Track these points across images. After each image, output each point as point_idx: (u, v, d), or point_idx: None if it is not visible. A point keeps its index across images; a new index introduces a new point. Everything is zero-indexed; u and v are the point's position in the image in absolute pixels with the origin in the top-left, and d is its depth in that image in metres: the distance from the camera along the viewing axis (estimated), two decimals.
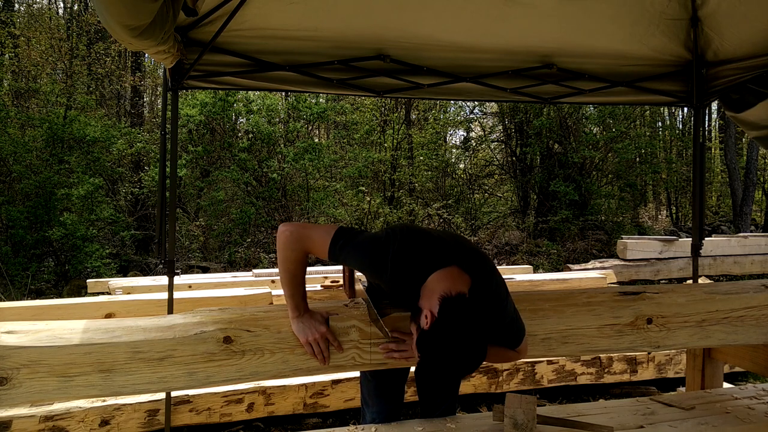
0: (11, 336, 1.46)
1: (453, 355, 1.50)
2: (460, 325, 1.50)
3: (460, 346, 1.49)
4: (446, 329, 1.49)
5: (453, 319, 1.50)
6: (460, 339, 1.49)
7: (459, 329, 1.49)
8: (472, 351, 1.52)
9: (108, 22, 1.54)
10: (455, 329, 1.49)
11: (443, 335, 1.49)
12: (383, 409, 2.18)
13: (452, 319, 1.50)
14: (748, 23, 2.75)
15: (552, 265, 9.22)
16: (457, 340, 1.49)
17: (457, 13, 2.75)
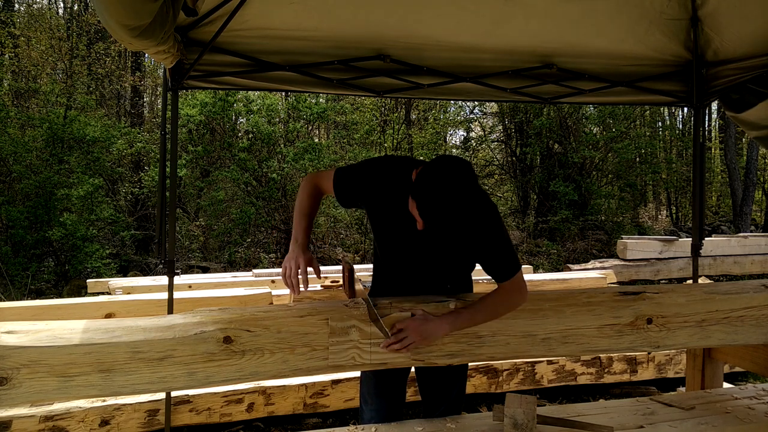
0: (11, 336, 1.46)
1: (447, 187, 1.59)
2: (451, 165, 1.63)
3: (452, 178, 1.59)
4: (438, 166, 1.63)
5: (444, 161, 1.65)
6: (452, 174, 1.60)
7: (450, 167, 1.62)
8: (464, 189, 1.60)
9: (108, 22, 1.54)
10: (447, 167, 1.62)
11: (435, 169, 1.62)
12: (382, 407, 2.17)
13: (444, 161, 1.65)
14: (748, 23, 2.75)
15: (552, 265, 9.22)
16: (450, 175, 1.60)
17: (457, 13, 2.75)
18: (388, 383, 2.17)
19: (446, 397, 2.18)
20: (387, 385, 2.17)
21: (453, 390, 2.19)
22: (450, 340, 1.83)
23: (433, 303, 1.85)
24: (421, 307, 1.82)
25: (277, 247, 10.00)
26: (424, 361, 1.83)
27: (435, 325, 1.76)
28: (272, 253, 9.78)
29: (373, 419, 2.14)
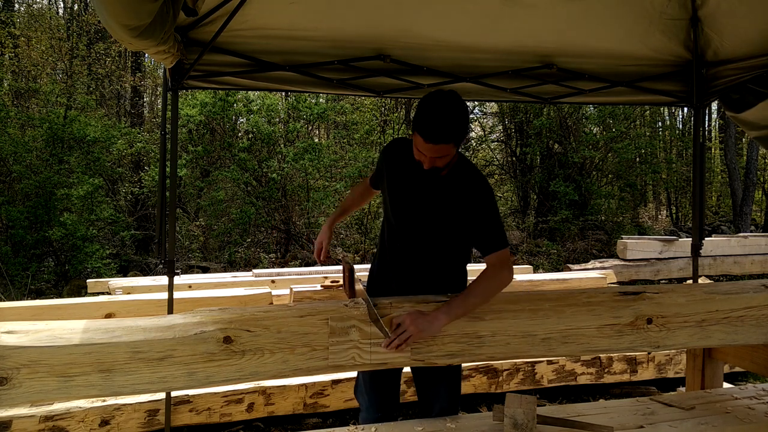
0: (11, 336, 1.46)
1: (437, 107, 1.84)
2: (443, 90, 1.95)
3: (446, 94, 1.91)
4: (432, 93, 1.93)
5: (436, 91, 1.95)
6: (445, 92, 1.93)
7: (443, 91, 1.94)
8: (455, 107, 1.87)
9: (108, 22, 1.54)
10: (440, 91, 1.94)
11: (431, 93, 1.92)
12: (375, 401, 2.24)
13: (436, 91, 1.94)
14: (748, 23, 2.75)
15: (552, 265, 9.22)
16: (444, 93, 1.92)
17: (457, 13, 2.75)
18: (380, 378, 2.22)
19: (439, 396, 2.20)
20: (380, 380, 2.23)
21: (446, 389, 2.20)
22: (450, 340, 1.83)
23: (433, 303, 1.85)
24: (420, 306, 1.82)
25: (277, 247, 10.00)
26: (424, 361, 1.83)
27: (431, 317, 1.78)
28: (272, 253, 9.78)
29: (369, 410, 2.23)
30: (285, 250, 9.86)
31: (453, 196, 1.99)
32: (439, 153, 1.84)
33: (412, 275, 2.11)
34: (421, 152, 1.86)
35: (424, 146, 1.83)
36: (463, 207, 1.98)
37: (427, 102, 1.87)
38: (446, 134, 1.81)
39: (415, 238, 2.08)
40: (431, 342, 1.82)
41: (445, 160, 1.89)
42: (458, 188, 1.97)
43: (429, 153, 1.84)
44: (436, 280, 2.08)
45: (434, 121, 1.80)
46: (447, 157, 1.87)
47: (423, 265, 2.09)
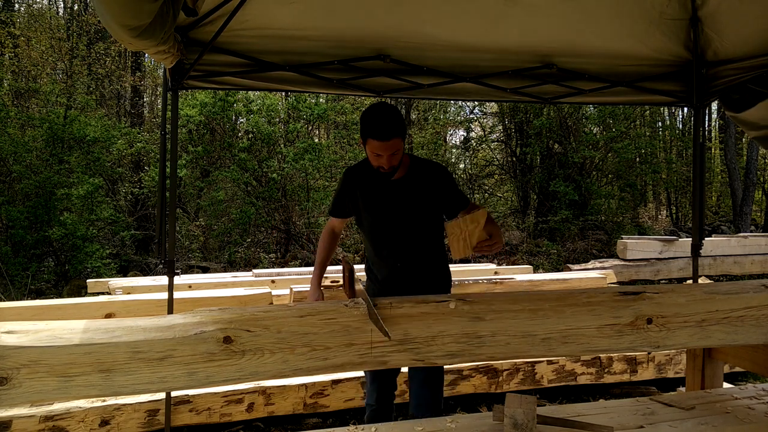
0: (11, 336, 1.46)
1: (382, 106, 2.23)
2: (378, 104, 2.29)
3: (381, 107, 2.24)
4: (370, 108, 2.26)
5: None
6: (380, 106, 2.25)
7: (377, 105, 2.25)
8: (391, 108, 2.26)
9: (108, 22, 1.54)
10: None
11: (369, 109, 2.25)
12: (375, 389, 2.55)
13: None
14: (748, 23, 2.75)
15: (552, 265, 9.22)
16: (379, 106, 2.24)
17: (458, 12, 2.75)
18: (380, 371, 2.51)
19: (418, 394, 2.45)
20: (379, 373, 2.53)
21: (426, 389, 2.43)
22: (450, 340, 1.83)
23: (433, 302, 1.85)
24: (421, 306, 1.82)
25: (277, 247, 10.00)
26: (423, 361, 1.83)
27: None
28: (272, 253, 9.78)
29: (370, 397, 2.57)
30: (285, 250, 9.86)
31: (420, 187, 2.36)
32: (393, 149, 2.18)
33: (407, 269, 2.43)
34: (379, 155, 2.19)
35: (379, 147, 2.17)
36: (431, 190, 2.36)
37: (369, 112, 2.24)
38: (394, 129, 2.17)
39: (401, 235, 2.40)
40: (431, 342, 1.81)
41: (398, 156, 2.23)
42: (421, 178, 2.37)
43: (385, 151, 2.17)
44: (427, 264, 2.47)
45: (381, 122, 2.17)
46: (398, 152, 2.22)
47: (412, 256, 2.41)
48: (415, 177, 2.38)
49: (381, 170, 2.24)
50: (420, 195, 2.37)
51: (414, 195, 2.37)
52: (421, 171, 2.39)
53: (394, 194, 2.38)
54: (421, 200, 2.37)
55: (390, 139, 2.16)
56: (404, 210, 2.38)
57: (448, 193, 2.40)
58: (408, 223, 2.39)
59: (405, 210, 2.38)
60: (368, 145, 2.21)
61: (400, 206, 2.38)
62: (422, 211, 2.39)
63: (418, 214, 2.39)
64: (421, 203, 2.38)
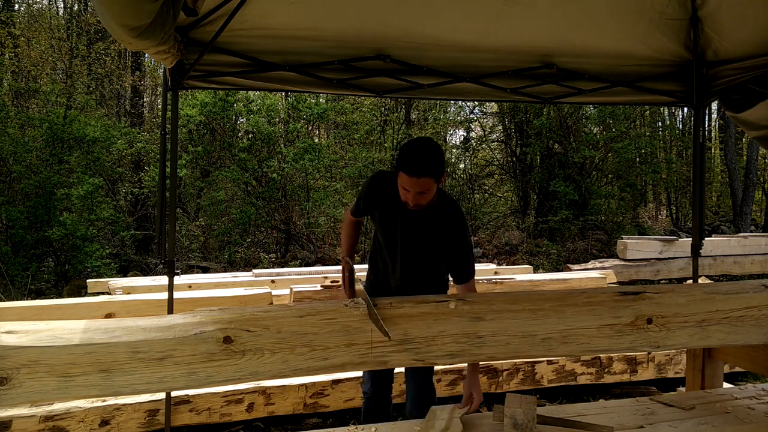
0: (11, 336, 1.46)
1: (424, 142, 2.10)
2: (423, 138, 2.16)
3: (426, 139, 2.13)
4: (413, 140, 2.15)
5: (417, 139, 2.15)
6: (425, 138, 2.14)
7: (422, 139, 2.14)
8: (433, 146, 2.09)
9: (108, 22, 1.54)
10: (421, 138, 2.16)
11: (410, 140, 2.16)
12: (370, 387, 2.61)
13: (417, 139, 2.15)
14: (748, 23, 2.75)
15: (552, 265, 9.22)
16: (424, 138, 2.14)
17: (458, 12, 2.75)
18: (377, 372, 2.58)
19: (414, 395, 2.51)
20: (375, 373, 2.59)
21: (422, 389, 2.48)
22: (450, 340, 1.83)
23: (433, 302, 1.85)
24: (420, 306, 1.82)
25: (277, 247, 10.00)
26: (423, 361, 1.84)
27: (477, 384, 2.21)
28: (272, 253, 9.78)
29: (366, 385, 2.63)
30: (285, 250, 9.86)
31: (435, 229, 2.26)
32: (422, 187, 2.06)
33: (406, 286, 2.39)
34: (407, 189, 2.08)
35: (408, 182, 2.05)
36: (443, 238, 2.26)
37: (409, 143, 2.13)
38: (427, 168, 2.04)
39: (406, 261, 2.36)
40: (431, 342, 1.82)
41: (428, 197, 2.12)
42: (439, 222, 2.26)
43: (413, 188, 2.06)
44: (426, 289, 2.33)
45: (416, 157, 2.04)
46: (429, 193, 2.10)
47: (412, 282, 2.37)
48: (437, 214, 2.27)
49: (408, 206, 2.15)
50: (435, 234, 2.27)
51: (430, 232, 2.28)
52: (444, 211, 2.28)
53: (411, 222, 2.28)
54: (435, 239, 2.28)
55: (420, 177, 2.03)
56: (416, 241, 2.31)
57: (458, 251, 2.28)
58: (414, 253, 2.33)
59: (417, 241, 2.31)
60: (399, 176, 2.10)
61: (413, 236, 2.31)
62: (433, 248, 2.31)
63: (429, 249, 2.31)
64: (434, 241, 2.29)
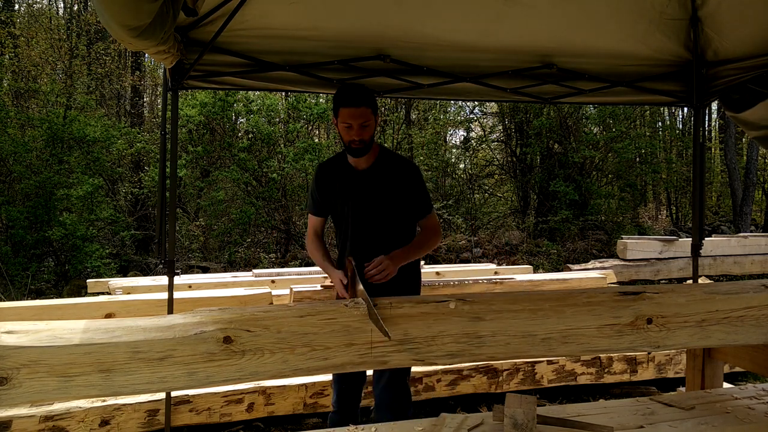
0: (11, 336, 1.46)
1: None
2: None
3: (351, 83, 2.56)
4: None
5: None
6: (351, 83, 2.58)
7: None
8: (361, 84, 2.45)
9: (108, 22, 1.54)
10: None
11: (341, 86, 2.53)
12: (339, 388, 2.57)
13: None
14: (748, 23, 2.75)
15: (552, 265, 9.22)
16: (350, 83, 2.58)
17: (458, 12, 2.75)
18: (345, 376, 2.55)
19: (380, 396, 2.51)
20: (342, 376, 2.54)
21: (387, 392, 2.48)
22: (450, 340, 1.83)
23: (433, 302, 1.85)
24: (420, 306, 1.82)
25: (277, 247, 10.00)
26: (424, 361, 1.83)
27: (391, 260, 2.24)
28: (272, 253, 9.77)
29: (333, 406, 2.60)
30: (285, 250, 9.85)
31: (385, 179, 2.39)
32: (363, 118, 2.25)
33: (359, 253, 2.38)
34: (349, 125, 2.25)
35: (349, 114, 2.24)
36: (397, 184, 2.39)
37: (341, 86, 2.46)
38: (364, 98, 2.25)
39: (365, 227, 2.42)
40: (431, 342, 1.82)
41: (369, 131, 2.28)
42: (389, 171, 2.40)
43: (355, 120, 2.24)
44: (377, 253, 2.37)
45: (352, 90, 2.30)
46: (369, 126, 2.28)
47: (375, 248, 2.35)
48: (382, 168, 2.40)
49: (353, 145, 2.28)
50: (384, 187, 2.38)
51: (378, 186, 2.38)
52: (389, 164, 2.42)
53: (359, 184, 2.39)
54: (386, 192, 2.38)
55: (360, 106, 2.23)
56: (368, 200, 2.40)
57: (411, 192, 2.40)
58: (371, 214, 2.40)
59: (369, 200, 2.40)
60: (340, 116, 2.27)
61: (364, 196, 2.40)
62: (386, 203, 2.39)
63: (382, 205, 2.40)
64: (384, 195, 2.38)
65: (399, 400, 2.48)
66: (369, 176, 2.40)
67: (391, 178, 2.38)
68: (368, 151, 2.35)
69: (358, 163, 2.41)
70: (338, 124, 2.31)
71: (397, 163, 2.44)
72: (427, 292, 3.71)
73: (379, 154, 2.43)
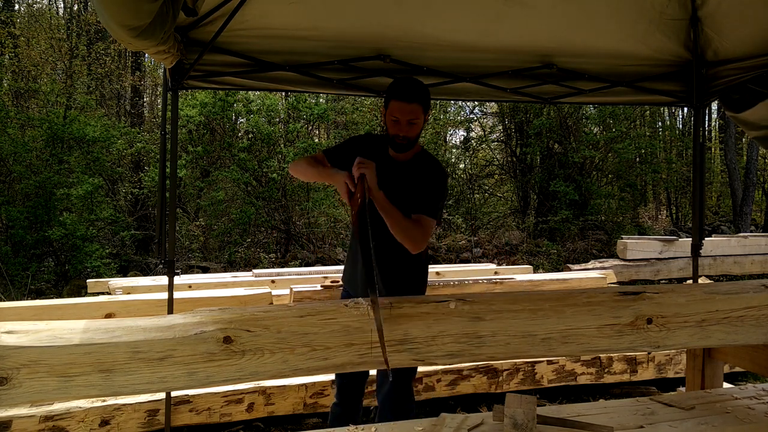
0: (11, 336, 1.46)
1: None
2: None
3: (409, 77, 2.39)
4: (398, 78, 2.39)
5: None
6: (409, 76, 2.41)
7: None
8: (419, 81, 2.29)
9: (108, 22, 1.54)
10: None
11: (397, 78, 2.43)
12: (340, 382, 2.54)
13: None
14: (748, 23, 2.75)
15: (552, 265, 9.22)
16: (407, 76, 2.40)
17: (458, 12, 2.75)
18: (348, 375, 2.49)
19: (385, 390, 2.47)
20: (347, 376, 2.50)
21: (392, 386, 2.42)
22: (450, 340, 1.83)
23: (433, 302, 1.85)
24: (421, 306, 1.82)
25: (277, 247, 10.00)
26: (424, 361, 1.83)
27: (377, 193, 2.07)
28: (272, 253, 9.78)
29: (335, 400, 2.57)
30: (285, 250, 9.86)
31: (419, 178, 2.31)
32: (413, 115, 2.17)
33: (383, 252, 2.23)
34: (397, 119, 2.18)
35: (399, 109, 2.16)
36: (419, 184, 2.30)
37: (397, 79, 2.35)
38: (418, 94, 2.18)
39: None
40: (431, 342, 1.82)
41: (416, 129, 2.22)
42: (423, 171, 2.34)
43: (404, 116, 2.17)
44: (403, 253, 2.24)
45: (408, 85, 2.21)
46: (417, 125, 2.21)
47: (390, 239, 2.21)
48: (418, 166, 2.35)
49: (397, 140, 2.22)
50: (413, 184, 2.31)
51: (410, 183, 2.31)
52: (425, 164, 2.37)
53: (393, 175, 2.30)
54: (412, 188, 2.30)
55: (411, 102, 2.16)
56: (397, 193, 2.28)
57: (425, 189, 2.29)
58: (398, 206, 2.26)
59: (398, 193, 2.28)
60: (389, 108, 2.20)
61: (394, 188, 2.28)
62: (412, 200, 2.28)
63: (409, 201, 2.27)
64: (411, 191, 2.30)
65: (402, 405, 2.42)
66: (404, 170, 2.34)
67: (422, 177, 2.33)
68: (411, 148, 2.31)
69: (398, 154, 2.34)
70: (386, 115, 2.25)
71: (432, 165, 2.38)
72: (427, 292, 3.71)
73: (420, 151, 2.40)
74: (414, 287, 2.45)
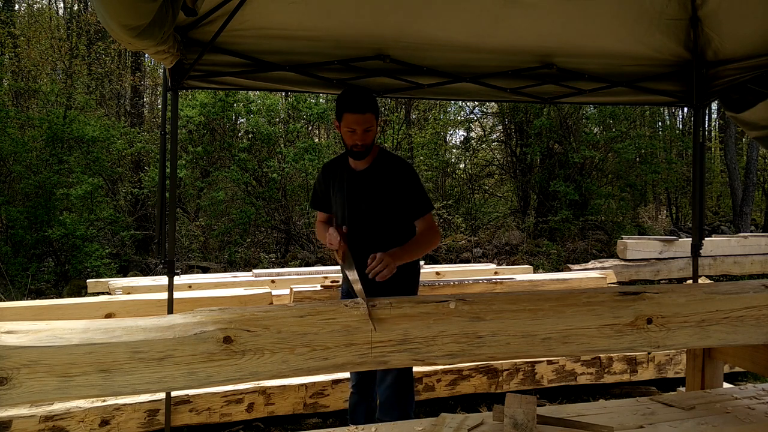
0: (11, 336, 1.46)
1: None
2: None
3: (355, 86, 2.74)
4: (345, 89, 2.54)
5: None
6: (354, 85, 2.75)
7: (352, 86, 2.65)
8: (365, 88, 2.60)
9: (107, 22, 1.54)
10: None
11: (344, 89, 2.54)
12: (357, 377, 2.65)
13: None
14: (748, 23, 2.75)
15: (552, 265, 9.22)
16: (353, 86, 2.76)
17: (457, 12, 2.75)
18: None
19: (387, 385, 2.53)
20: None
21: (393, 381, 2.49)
22: (450, 340, 1.83)
23: (433, 302, 1.85)
24: (420, 306, 1.82)
25: (277, 247, 10.00)
26: (424, 361, 1.84)
27: (391, 257, 2.19)
28: (272, 253, 9.77)
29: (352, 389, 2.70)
30: (285, 250, 9.86)
31: (381, 180, 2.41)
32: (367, 123, 2.29)
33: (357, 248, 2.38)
34: (353, 130, 2.29)
35: (354, 120, 2.27)
36: (392, 185, 2.40)
37: (345, 91, 2.44)
38: (369, 103, 2.30)
39: (362, 226, 2.43)
40: (431, 342, 1.82)
41: (371, 135, 2.34)
42: (385, 172, 2.42)
43: (359, 125, 2.28)
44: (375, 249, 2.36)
45: (358, 96, 2.32)
46: (372, 130, 2.33)
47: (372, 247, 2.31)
48: (378, 169, 2.44)
49: (355, 148, 2.33)
50: (379, 188, 2.41)
51: (373, 187, 2.42)
52: (385, 165, 2.45)
53: (356, 185, 2.44)
54: (380, 193, 2.41)
55: (365, 113, 2.27)
56: (363, 200, 2.43)
57: (406, 192, 2.41)
58: (366, 214, 2.42)
59: (364, 200, 2.43)
60: (344, 121, 2.31)
61: (359, 196, 2.43)
62: (380, 204, 2.41)
63: (377, 206, 2.42)
64: (379, 195, 2.41)
65: (403, 398, 2.49)
66: (365, 177, 2.44)
67: (386, 178, 2.41)
68: (369, 153, 2.40)
69: (357, 164, 2.45)
70: (341, 127, 2.34)
71: (393, 163, 2.46)
72: (427, 292, 3.71)
73: (378, 155, 2.47)
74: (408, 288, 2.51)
